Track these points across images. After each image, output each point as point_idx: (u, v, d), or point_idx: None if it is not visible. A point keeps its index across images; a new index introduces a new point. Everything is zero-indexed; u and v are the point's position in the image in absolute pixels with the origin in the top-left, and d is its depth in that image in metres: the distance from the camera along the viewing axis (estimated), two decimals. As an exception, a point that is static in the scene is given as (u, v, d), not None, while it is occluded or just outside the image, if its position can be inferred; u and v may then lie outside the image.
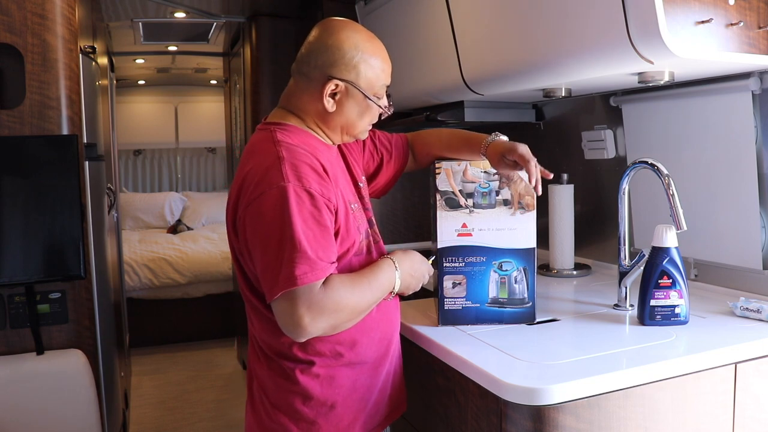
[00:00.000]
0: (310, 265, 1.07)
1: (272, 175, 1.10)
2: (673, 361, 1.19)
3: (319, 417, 1.20)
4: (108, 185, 2.66)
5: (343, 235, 1.19)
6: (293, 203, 1.08)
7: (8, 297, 1.89)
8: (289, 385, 1.20)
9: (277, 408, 1.22)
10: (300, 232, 1.07)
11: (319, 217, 1.10)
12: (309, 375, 1.20)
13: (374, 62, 1.22)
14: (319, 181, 1.12)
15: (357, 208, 1.26)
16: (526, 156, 1.28)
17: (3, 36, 1.85)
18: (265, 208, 1.09)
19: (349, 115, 1.23)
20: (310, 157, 1.15)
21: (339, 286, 1.11)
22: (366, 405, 1.25)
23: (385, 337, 1.29)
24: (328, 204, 1.13)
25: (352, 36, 1.20)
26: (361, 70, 1.20)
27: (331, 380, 1.20)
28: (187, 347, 4.43)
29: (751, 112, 1.54)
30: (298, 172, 1.11)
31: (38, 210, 1.83)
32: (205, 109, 6.27)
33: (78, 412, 1.91)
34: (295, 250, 1.06)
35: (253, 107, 3.25)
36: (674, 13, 1.23)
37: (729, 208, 1.64)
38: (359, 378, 1.24)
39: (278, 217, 1.08)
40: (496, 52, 1.74)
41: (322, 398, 1.20)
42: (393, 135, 1.51)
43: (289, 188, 1.08)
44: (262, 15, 3.18)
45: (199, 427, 3.17)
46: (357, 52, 1.20)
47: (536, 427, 1.09)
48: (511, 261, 1.39)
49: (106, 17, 3.41)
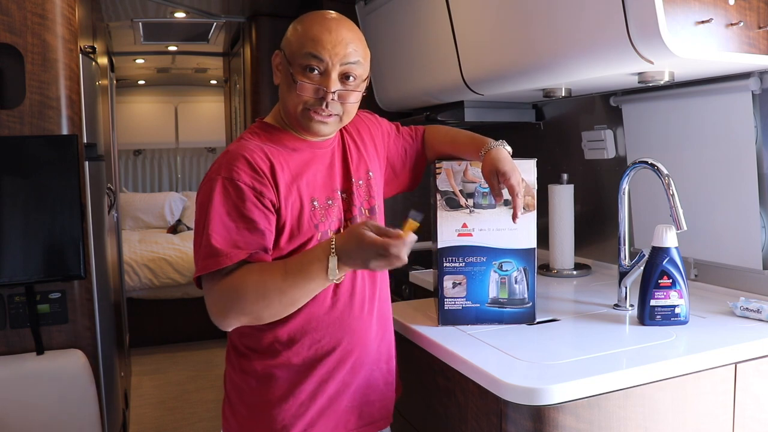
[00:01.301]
0: (214, 254, 1.09)
1: (214, 167, 1.16)
2: (673, 361, 1.19)
3: (252, 413, 1.21)
4: (108, 185, 2.66)
5: (293, 231, 1.17)
6: (217, 194, 1.11)
7: (8, 297, 1.89)
8: (235, 376, 1.24)
9: (227, 394, 1.27)
10: (214, 223, 1.10)
11: (242, 208, 1.11)
12: (249, 371, 1.22)
13: (299, 26, 1.18)
14: (252, 176, 1.13)
15: (331, 205, 1.22)
16: (516, 189, 1.26)
17: (3, 36, 1.85)
18: (198, 197, 1.16)
19: (281, 89, 1.21)
20: (256, 153, 1.15)
21: (244, 272, 1.09)
22: (306, 412, 1.20)
23: (339, 347, 1.21)
24: (260, 198, 1.13)
25: (311, 13, 1.20)
26: (289, 37, 1.19)
27: (269, 380, 1.20)
28: (187, 347, 4.43)
29: (751, 112, 1.54)
30: (231, 165, 1.13)
31: (38, 210, 1.83)
32: (205, 109, 6.27)
33: (78, 412, 1.91)
34: (207, 239, 1.10)
35: (253, 107, 3.25)
36: (674, 13, 1.23)
37: (729, 208, 1.64)
38: (300, 383, 1.20)
39: (204, 206, 1.12)
40: (496, 52, 1.74)
41: (257, 395, 1.20)
42: (412, 128, 1.50)
43: (218, 180, 1.12)
44: (262, 15, 3.18)
45: (199, 427, 3.17)
46: (298, 23, 1.19)
47: (536, 427, 1.09)
48: (512, 261, 1.39)
49: (106, 17, 3.41)
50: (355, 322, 1.24)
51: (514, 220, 1.29)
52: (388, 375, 1.31)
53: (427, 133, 1.50)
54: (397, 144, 1.44)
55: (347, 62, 1.16)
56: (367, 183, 1.31)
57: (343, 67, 1.16)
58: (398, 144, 1.44)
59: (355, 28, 1.21)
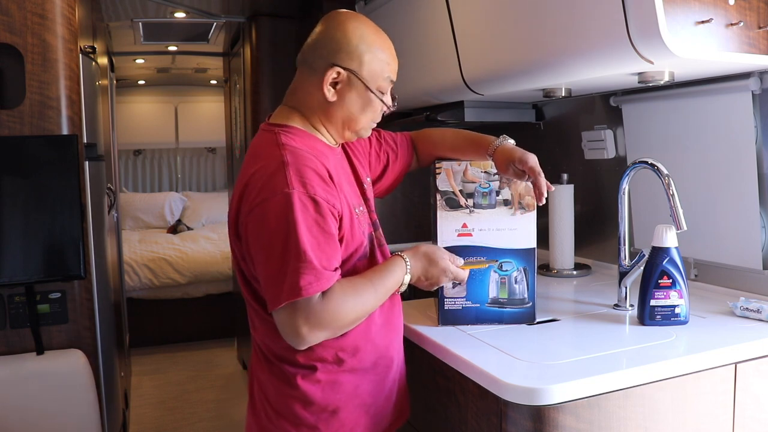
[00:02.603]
0: (315, 275, 1.06)
1: (276, 180, 1.08)
2: (673, 361, 1.19)
3: (320, 422, 1.19)
4: (108, 185, 2.66)
5: (348, 239, 1.17)
6: (298, 211, 1.06)
7: (8, 297, 1.89)
8: (290, 390, 1.19)
9: (277, 412, 1.21)
10: (305, 242, 1.06)
11: (323, 224, 1.09)
12: (310, 380, 1.18)
13: (379, 54, 1.20)
14: (324, 188, 1.11)
15: (362, 212, 1.25)
16: (536, 169, 1.27)
17: (3, 36, 1.85)
18: (269, 214, 1.07)
19: (350, 107, 1.20)
20: (315, 162, 1.13)
21: (340, 295, 1.10)
22: (368, 411, 1.23)
23: (389, 344, 1.27)
24: (333, 211, 1.11)
25: (359, 27, 1.19)
26: (364, 60, 1.18)
27: (332, 386, 1.19)
28: (187, 347, 4.43)
29: (751, 112, 1.54)
30: (302, 178, 1.09)
31: (38, 210, 1.83)
32: (205, 109, 6.27)
33: (78, 412, 1.91)
34: (300, 260, 1.05)
35: (253, 107, 3.25)
36: (674, 13, 1.23)
37: (729, 208, 1.64)
38: (361, 384, 1.22)
39: (283, 224, 1.06)
40: (496, 52, 1.74)
41: (323, 404, 1.19)
42: (397, 134, 1.50)
43: (293, 195, 1.06)
44: (262, 15, 3.18)
45: (199, 427, 3.17)
46: (362, 42, 1.18)
47: (536, 427, 1.09)
48: (512, 261, 1.39)
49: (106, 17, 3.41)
50: (395, 317, 1.30)
51: (539, 201, 1.29)
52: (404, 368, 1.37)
53: (417, 139, 1.50)
54: (378, 150, 1.45)
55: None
56: (368, 186, 1.34)
57: None
58: (380, 150, 1.45)
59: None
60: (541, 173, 1.28)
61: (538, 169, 1.28)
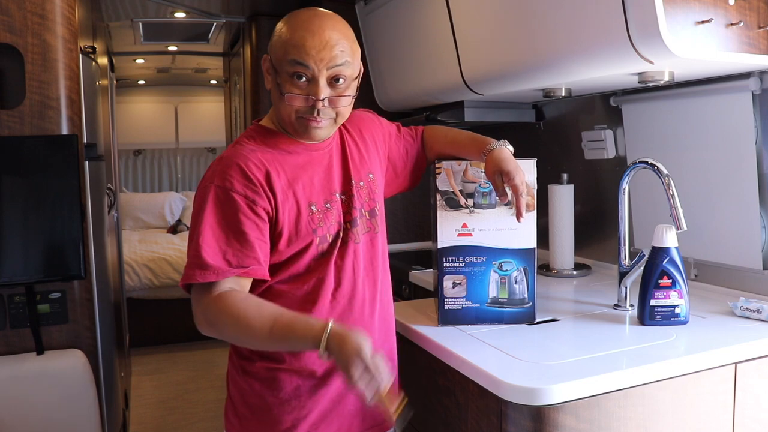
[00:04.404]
0: (201, 267, 1.09)
1: (208, 173, 1.15)
2: (673, 361, 1.19)
3: (255, 414, 1.21)
4: (108, 185, 2.66)
5: (291, 236, 1.16)
6: (210, 203, 1.11)
7: (8, 297, 1.89)
8: (238, 377, 1.24)
9: (229, 394, 1.27)
10: (205, 234, 1.10)
11: (234, 219, 1.10)
12: (251, 373, 1.21)
13: (282, 30, 1.14)
14: (245, 184, 1.12)
15: (329, 208, 1.21)
16: (519, 188, 1.25)
17: (3, 36, 1.85)
18: (194, 202, 1.16)
19: (273, 95, 1.18)
20: (250, 160, 1.14)
21: (229, 306, 1.08)
22: (309, 414, 1.20)
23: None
24: (253, 207, 1.11)
25: (295, 13, 1.16)
26: (273, 38, 1.15)
27: (271, 382, 1.20)
28: (187, 347, 4.43)
29: (751, 112, 1.54)
30: (224, 173, 1.12)
31: (38, 210, 1.83)
32: (205, 109, 6.26)
33: (78, 412, 1.91)
34: (195, 249, 1.10)
35: (253, 107, 3.26)
36: (674, 13, 1.23)
37: (729, 208, 1.64)
38: (303, 385, 1.20)
39: (197, 213, 1.12)
40: (496, 52, 1.74)
41: (260, 397, 1.20)
42: (417, 128, 1.49)
43: (211, 188, 1.12)
44: (262, 15, 3.18)
45: (199, 427, 3.17)
46: (283, 25, 1.15)
47: (536, 427, 1.09)
48: (511, 261, 1.39)
49: (106, 17, 3.41)
50: (355, 326, 1.20)
51: (519, 219, 1.28)
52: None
53: (426, 134, 1.49)
54: (398, 144, 1.43)
55: (334, 65, 1.12)
56: (368, 184, 1.29)
57: (330, 71, 1.12)
58: (399, 144, 1.43)
59: (340, 24, 1.15)
60: (523, 193, 1.26)
61: (522, 188, 1.25)
